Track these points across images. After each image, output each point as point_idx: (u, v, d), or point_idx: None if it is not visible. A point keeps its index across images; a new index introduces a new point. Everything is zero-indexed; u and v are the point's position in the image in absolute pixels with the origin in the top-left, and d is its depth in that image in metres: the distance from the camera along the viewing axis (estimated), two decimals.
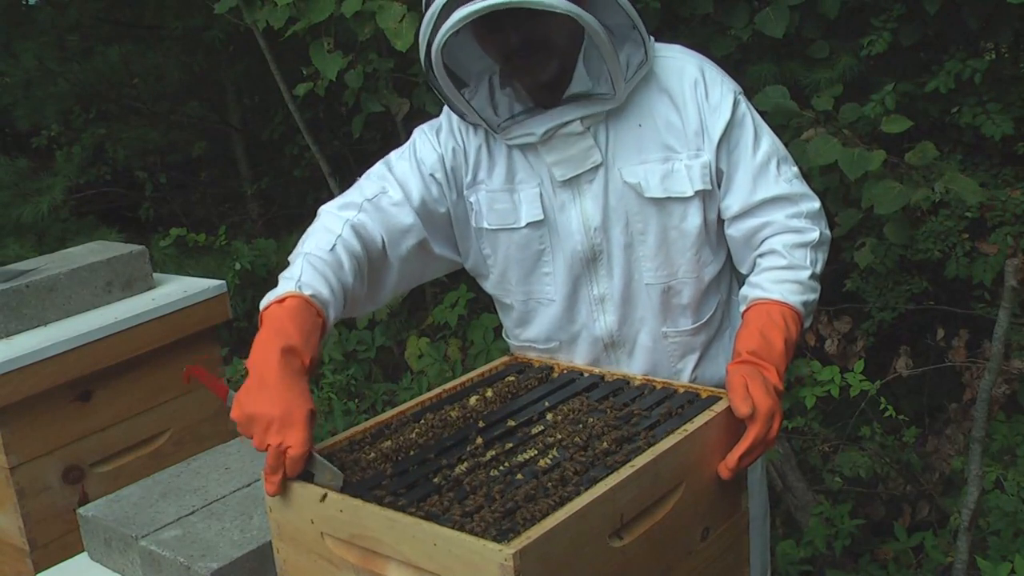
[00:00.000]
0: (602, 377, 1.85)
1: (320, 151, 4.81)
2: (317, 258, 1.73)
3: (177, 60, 6.27)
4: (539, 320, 2.03)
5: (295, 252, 1.79)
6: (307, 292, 1.65)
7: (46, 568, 1.96)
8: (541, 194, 1.92)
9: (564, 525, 1.33)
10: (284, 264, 1.80)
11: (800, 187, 1.91)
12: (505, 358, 1.99)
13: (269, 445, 1.47)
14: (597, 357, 2.00)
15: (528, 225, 1.94)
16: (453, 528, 1.34)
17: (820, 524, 3.27)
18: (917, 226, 3.38)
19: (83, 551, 1.95)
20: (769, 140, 1.92)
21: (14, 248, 5.31)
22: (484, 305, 4.69)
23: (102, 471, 2.58)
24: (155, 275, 2.80)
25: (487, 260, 2.02)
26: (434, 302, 5.07)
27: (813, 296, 1.87)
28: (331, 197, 2.01)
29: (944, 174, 3.07)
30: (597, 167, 1.88)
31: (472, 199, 1.97)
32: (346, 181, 5.30)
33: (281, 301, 1.64)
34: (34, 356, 2.40)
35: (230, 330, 5.56)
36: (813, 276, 1.86)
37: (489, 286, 2.07)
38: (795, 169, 1.93)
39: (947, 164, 3.28)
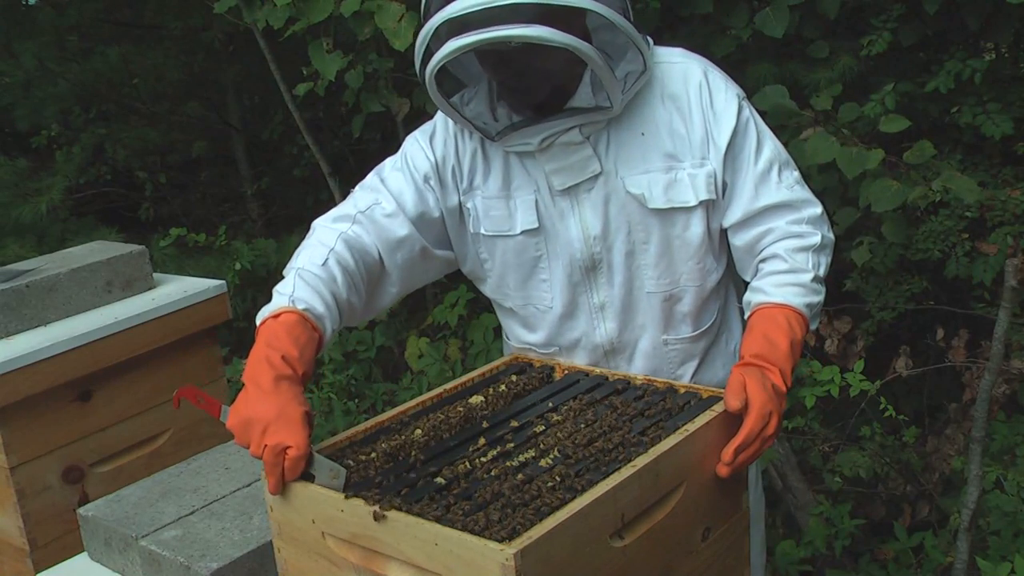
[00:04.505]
0: (605, 378, 1.85)
1: (320, 151, 4.79)
2: (309, 273, 1.74)
3: (177, 60, 6.26)
4: (538, 325, 2.02)
5: (289, 266, 1.79)
6: (300, 307, 1.66)
7: (46, 568, 1.96)
8: (537, 201, 1.91)
9: (565, 525, 1.33)
10: (284, 264, 1.81)
11: (802, 193, 1.90)
12: (506, 358, 1.99)
13: (266, 446, 1.47)
14: (596, 363, 2.00)
15: (523, 232, 1.92)
16: (454, 528, 1.34)
17: (820, 524, 3.27)
18: (916, 225, 3.38)
19: (83, 551, 1.95)
20: (771, 146, 1.90)
21: (14, 248, 5.30)
22: (484, 305, 4.68)
23: (102, 471, 2.58)
24: (155, 275, 2.80)
25: (484, 264, 2.01)
26: (434, 302, 5.07)
27: (817, 298, 1.86)
28: (331, 197, 2.03)
29: (942, 173, 3.07)
30: (596, 176, 1.86)
31: (469, 205, 1.95)
32: (346, 181, 5.30)
33: (276, 316, 1.65)
34: (34, 356, 2.40)
35: (230, 330, 5.55)
36: (816, 279, 1.85)
37: (488, 290, 2.06)
38: (796, 174, 1.92)
39: (945, 163, 3.28)
